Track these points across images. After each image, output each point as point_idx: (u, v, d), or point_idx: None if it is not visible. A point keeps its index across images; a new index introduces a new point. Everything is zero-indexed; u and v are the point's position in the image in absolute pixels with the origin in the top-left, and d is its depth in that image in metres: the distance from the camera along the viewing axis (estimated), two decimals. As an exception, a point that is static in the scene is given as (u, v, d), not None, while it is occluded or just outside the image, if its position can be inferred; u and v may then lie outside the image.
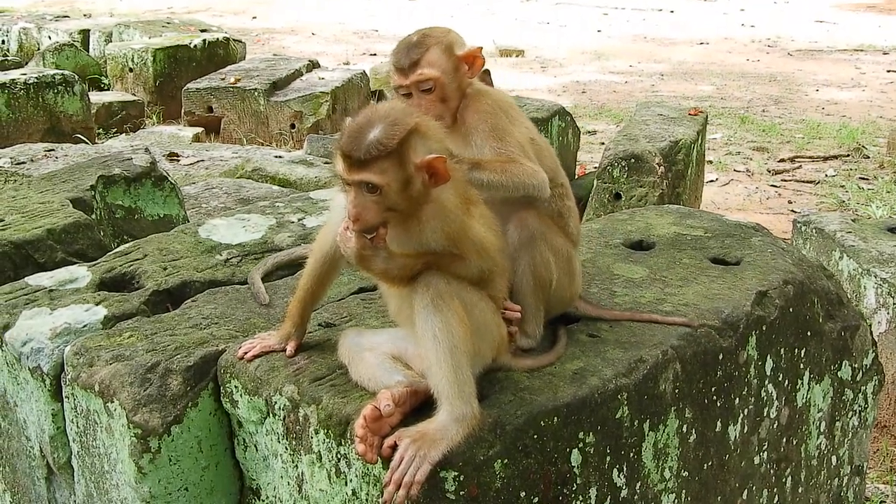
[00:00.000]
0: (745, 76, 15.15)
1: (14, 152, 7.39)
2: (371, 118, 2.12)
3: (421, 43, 2.55)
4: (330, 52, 16.74)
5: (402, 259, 2.16)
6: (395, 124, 2.10)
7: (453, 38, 2.60)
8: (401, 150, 2.09)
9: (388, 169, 2.08)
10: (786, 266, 3.04)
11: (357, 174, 2.08)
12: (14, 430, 3.09)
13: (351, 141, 2.09)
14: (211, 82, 10.68)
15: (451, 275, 2.18)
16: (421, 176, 2.11)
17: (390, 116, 2.12)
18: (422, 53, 2.52)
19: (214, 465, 2.62)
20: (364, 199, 2.10)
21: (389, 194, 2.10)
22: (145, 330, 2.77)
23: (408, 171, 2.10)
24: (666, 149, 6.98)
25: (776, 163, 10.01)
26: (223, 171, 7.58)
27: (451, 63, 2.55)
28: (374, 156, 2.06)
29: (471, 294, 2.21)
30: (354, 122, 2.14)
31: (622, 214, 3.55)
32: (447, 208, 2.18)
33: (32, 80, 9.37)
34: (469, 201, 2.26)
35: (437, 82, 2.52)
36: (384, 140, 2.07)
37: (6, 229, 3.55)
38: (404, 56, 2.54)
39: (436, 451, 2.06)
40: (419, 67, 2.51)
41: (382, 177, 2.07)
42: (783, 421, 2.94)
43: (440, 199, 2.17)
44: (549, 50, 17.57)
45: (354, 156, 2.07)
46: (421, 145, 2.12)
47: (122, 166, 4.31)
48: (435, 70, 2.51)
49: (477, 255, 2.22)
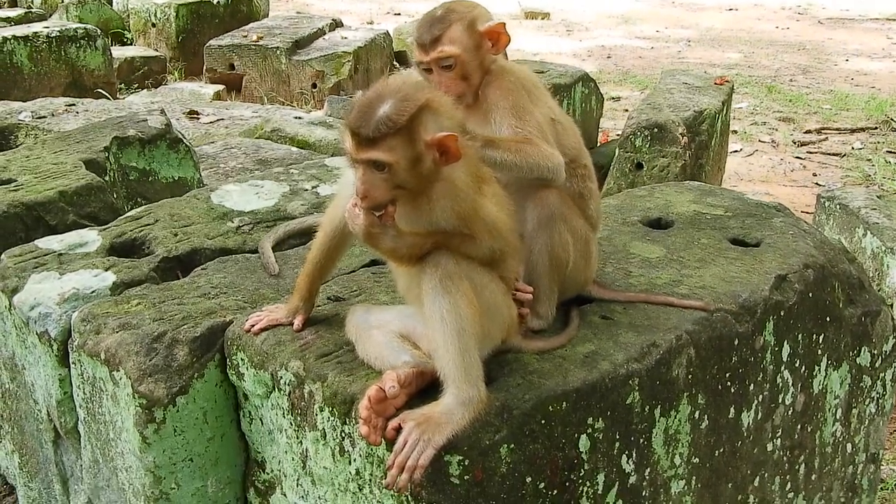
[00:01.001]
0: (773, 44, 14.91)
1: (35, 106, 7.38)
2: (381, 93, 2.05)
3: (444, 18, 2.48)
4: (354, 10, 16.59)
5: (411, 238, 2.11)
6: (405, 100, 2.03)
7: (478, 14, 2.52)
8: (411, 126, 2.02)
9: (396, 146, 2.02)
10: (807, 249, 2.97)
11: (365, 152, 2.02)
12: (22, 392, 3.08)
13: (359, 117, 2.03)
14: (233, 39, 10.60)
15: (460, 255, 2.12)
16: (431, 154, 2.05)
17: (401, 92, 2.05)
18: (443, 30, 2.45)
19: (220, 436, 2.60)
20: (372, 176, 2.04)
21: (398, 172, 2.04)
22: (153, 298, 2.74)
23: (418, 149, 2.04)
24: (690, 119, 6.86)
25: (802, 134, 9.85)
26: (242, 131, 7.54)
27: (473, 40, 2.47)
28: (382, 133, 2.00)
29: (481, 275, 2.16)
30: (364, 96, 2.08)
31: (641, 191, 3.48)
32: (458, 187, 2.12)
33: (55, 33, 9.32)
34: (481, 180, 2.20)
35: (457, 59, 2.45)
36: (393, 116, 2.01)
37: (18, 190, 3.52)
38: (426, 32, 2.47)
39: (440, 435, 2.02)
40: (440, 44, 2.44)
41: (391, 154, 2.02)
42: (798, 408, 2.89)
43: (451, 177, 2.11)
44: (575, 13, 17.35)
45: (363, 133, 2.01)
46: (432, 122, 2.06)
47: (137, 128, 4.27)
48: (456, 47, 2.44)
49: (488, 235, 2.16)
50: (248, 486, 2.65)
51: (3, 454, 3.65)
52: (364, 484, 2.20)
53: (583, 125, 8.17)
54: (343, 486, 2.27)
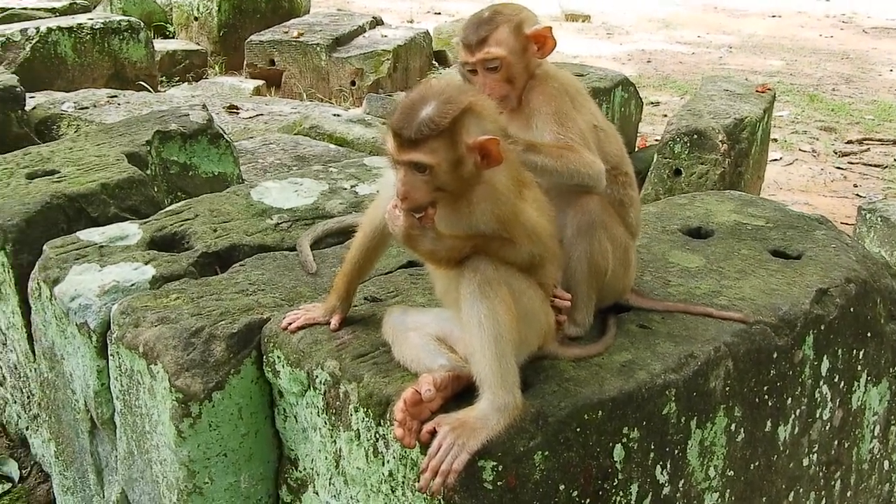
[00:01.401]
0: (816, 52, 14.76)
1: (78, 97, 7.47)
2: (424, 95, 2.05)
3: (491, 20, 2.48)
4: (394, 8, 16.60)
5: (450, 240, 2.10)
6: (448, 102, 2.03)
7: (524, 17, 2.52)
8: (453, 129, 2.02)
9: (438, 148, 2.01)
10: (849, 263, 2.94)
11: (406, 154, 2.02)
12: (60, 382, 3.11)
13: (402, 118, 2.03)
14: (274, 35, 10.66)
15: (499, 259, 2.12)
16: (473, 157, 2.05)
17: (444, 94, 2.05)
18: (490, 31, 2.45)
19: (254, 432, 2.61)
20: (413, 178, 2.04)
21: (439, 174, 2.03)
22: (192, 293, 2.76)
23: (459, 152, 2.03)
24: (730, 126, 6.81)
25: (844, 144, 9.75)
26: (281, 127, 7.57)
27: (519, 43, 2.47)
28: (424, 135, 2.00)
29: (519, 280, 2.15)
30: (407, 98, 2.08)
31: (681, 199, 3.46)
32: (499, 190, 2.11)
33: (99, 25, 9.40)
34: (523, 184, 2.20)
35: (503, 61, 2.45)
36: (436, 118, 2.00)
37: (61, 181, 3.56)
38: (472, 33, 2.47)
39: (475, 440, 2.02)
40: (486, 45, 2.45)
41: (432, 156, 2.01)
42: (836, 423, 2.86)
43: (492, 180, 2.10)
44: (616, 16, 17.27)
45: (405, 134, 2.01)
46: (474, 125, 2.05)
47: (179, 122, 4.30)
48: (502, 49, 2.44)
49: (528, 240, 2.15)
50: (280, 483, 2.66)
51: (40, 442, 3.69)
52: (397, 486, 2.20)
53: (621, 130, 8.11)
54: (376, 488, 2.27)
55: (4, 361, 3.75)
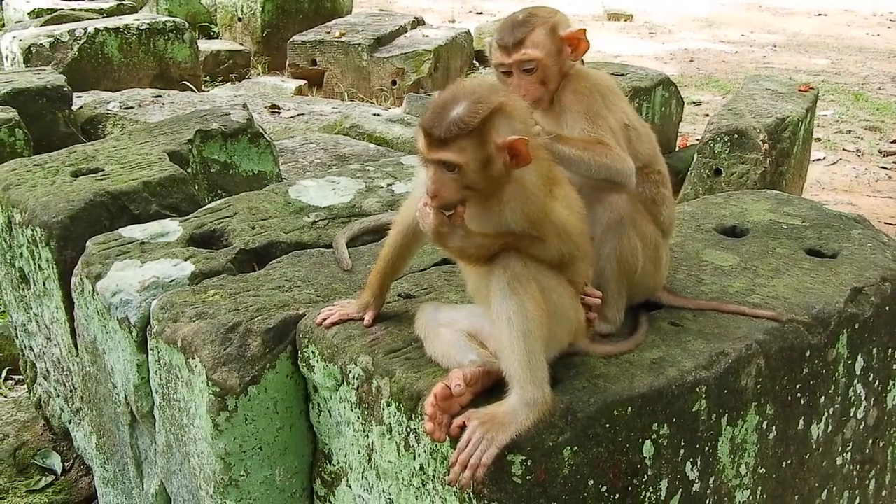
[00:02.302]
0: (862, 51, 14.57)
1: (123, 97, 7.60)
2: (456, 94, 2.08)
3: (526, 22, 2.51)
4: (436, 8, 16.66)
5: (480, 238, 2.13)
6: (478, 102, 2.05)
7: (559, 19, 2.55)
8: (482, 129, 2.04)
9: (467, 148, 2.04)
10: (885, 262, 2.92)
11: (436, 153, 2.05)
12: (102, 375, 3.18)
13: (432, 118, 2.06)
14: (316, 35, 10.76)
15: (529, 257, 2.14)
16: (502, 156, 2.07)
17: (475, 94, 2.07)
18: (526, 33, 2.48)
19: (289, 426, 2.65)
20: (443, 176, 2.07)
21: (468, 173, 2.06)
22: (230, 289, 2.81)
23: (488, 151, 2.05)
24: (772, 125, 6.76)
25: (889, 144, 9.62)
26: (322, 126, 7.65)
27: (554, 45, 2.50)
28: (454, 134, 2.02)
29: (549, 278, 2.17)
30: (439, 97, 2.10)
31: (717, 197, 3.45)
32: (528, 189, 2.13)
33: (145, 26, 9.55)
34: (553, 182, 2.21)
35: (539, 63, 2.48)
36: (466, 118, 2.03)
37: (105, 179, 3.63)
38: (508, 34, 2.50)
39: (504, 434, 2.04)
40: (523, 47, 2.48)
41: (462, 155, 2.04)
42: (870, 422, 2.84)
43: (522, 179, 2.12)
44: (658, 15, 17.18)
45: (435, 133, 2.04)
46: (504, 125, 2.07)
47: (220, 121, 4.36)
48: (538, 51, 2.47)
49: (558, 238, 2.17)
50: (314, 477, 2.70)
51: (82, 435, 3.77)
52: (428, 479, 2.23)
53: (662, 129, 8.11)
54: (407, 481, 2.30)
55: (49, 356, 3.84)
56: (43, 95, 6.49)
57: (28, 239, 3.49)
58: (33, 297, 3.71)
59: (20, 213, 3.50)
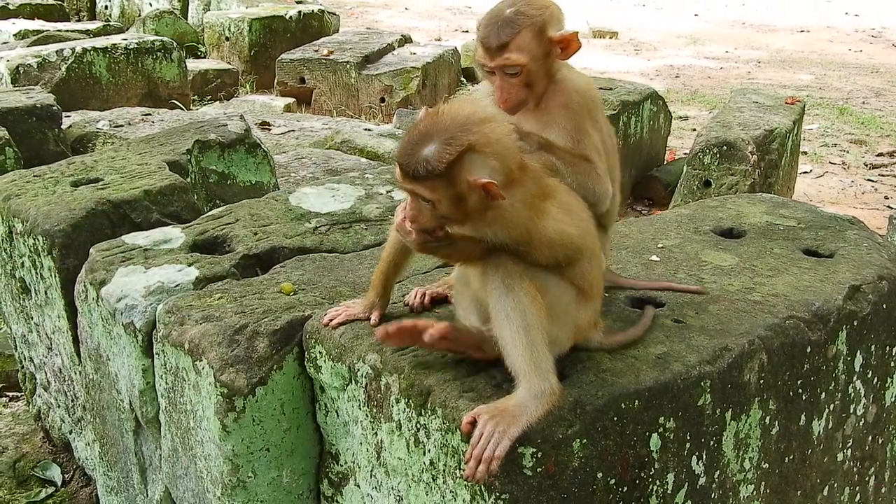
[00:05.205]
0: (846, 66, 14.73)
1: (113, 115, 7.62)
2: (429, 130, 2.04)
3: (513, 22, 2.35)
4: (422, 27, 16.76)
5: (466, 244, 2.14)
6: (448, 143, 2.01)
7: (550, 16, 2.40)
8: (452, 170, 2.01)
9: (437, 187, 2.02)
10: (881, 261, 2.97)
11: (409, 185, 2.05)
12: (106, 382, 3.19)
13: (405, 152, 2.04)
14: (304, 54, 10.81)
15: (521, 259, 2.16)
16: (476, 193, 2.04)
17: (447, 132, 2.02)
18: (512, 35, 2.33)
19: (296, 427, 2.66)
20: (420, 205, 2.08)
21: (441, 208, 2.06)
22: (235, 292, 2.83)
23: (459, 189, 2.03)
24: (760, 137, 6.84)
25: (874, 157, 9.73)
26: (313, 142, 7.69)
27: (542, 48, 2.36)
28: (423, 175, 2.01)
29: (542, 277, 2.17)
30: (414, 130, 2.07)
31: (713, 201, 3.50)
32: (510, 216, 2.11)
33: (133, 45, 9.59)
34: (543, 196, 2.17)
35: (524, 69, 2.35)
36: (433, 161, 2.00)
37: (105, 188, 3.65)
38: (493, 35, 2.35)
39: (515, 426, 2.06)
40: (507, 51, 2.33)
41: (433, 193, 2.03)
42: (870, 419, 2.88)
43: (502, 207, 2.09)
44: (643, 32, 17.33)
45: (406, 169, 2.03)
46: (477, 164, 2.03)
47: (218, 132, 4.39)
48: (523, 56, 2.34)
49: (548, 250, 2.16)
50: (321, 478, 2.71)
51: (84, 444, 3.77)
52: (438, 474, 2.25)
53: (650, 143, 8.19)
54: (417, 477, 2.32)
55: (49, 366, 3.84)
56: (32, 114, 6.51)
57: (30, 248, 3.50)
58: (34, 306, 3.72)
59: (21, 223, 3.52)
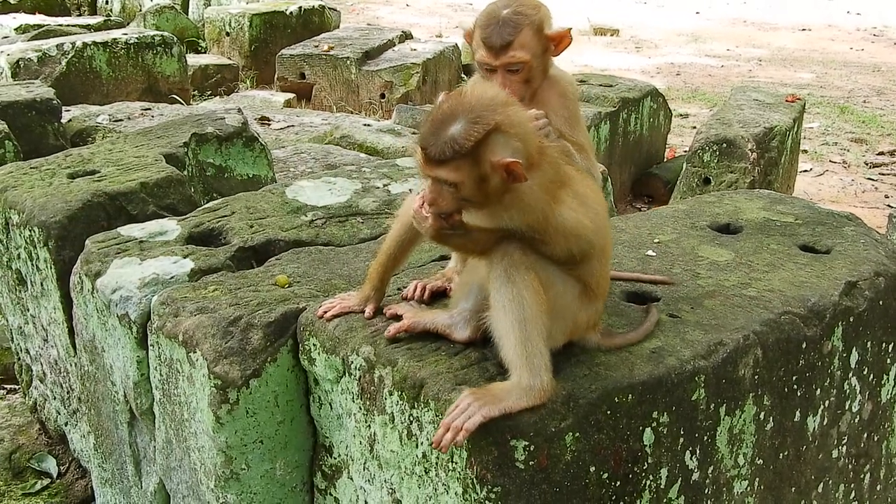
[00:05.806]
0: (847, 65, 14.72)
1: (112, 109, 7.60)
2: (454, 110, 2.04)
3: (514, 22, 2.46)
4: (423, 23, 16.75)
5: (480, 233, 2.13)
6: (475, 122, 2.02)
7: (543, 16, 2.52)
8: (478, 149, 2.02)
9: (463, 167, 2.02)
10: (878, 257, 2.96)
11: (433, 170, 2.04)
12: (101, 374, 3.19)
13: (429, 135, 2.04)
14: (304, 49, 10.79)
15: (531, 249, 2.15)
16: (499, 174, 2.04)
17: (473, 112, 2.03)
18: (514, 34, 2.44)
19: (289, 420, 2.66)
20: (441, 188, 2.07)
21: (465, 189, 2.05)
22: (230, 284, 2.83)
23: (484, 170, 2.03)
24: (760, 135, 6.83)
25: (874, 155, 9.72)
26: (312, 137, 7.67)
27: (541, 45, 2.49)
28: (449, 156, 2.01)
29: (549, 272, 2.17)
30: (438, 111, 2.07)
31: (710, 197, 3.49)
32: (528, 200, 2.11)
33: (133, 40, 9.56)
34: (560, 184, 2.17)
35: (526, 65, 2.47)
36: (460, 140, 2.00)
37: (102, 180, 3.64)
38: (496, 35, 2.45)
39: (492, 407, 2.05)
40: (511, 49, 2.44)
41: (457, 175, 2.03)
42: (865, 416, 2.87)
43: (521, 189, 2.09)
44: (644, 30, 17.31)
45: (430, 152, 2.03)
46: (501, 144, 2.04)
47: (215, 125, 4.38)
48: (526, 53, 2.45)
49: (563, 241, 2.15)
50: (314, 471, 2.71)
51: (79, 436, 3.77)
52: (430, 467, 2.25)
53: (650, 140, 8.18)
54: (409, 470, 2.32)
55: (45, 358, 3.84)
56: (32, 108, 6.48)
57: (26, 239, 3.50)
58: (30, 298, 3.72)
59: (18, 215, 3.51)
